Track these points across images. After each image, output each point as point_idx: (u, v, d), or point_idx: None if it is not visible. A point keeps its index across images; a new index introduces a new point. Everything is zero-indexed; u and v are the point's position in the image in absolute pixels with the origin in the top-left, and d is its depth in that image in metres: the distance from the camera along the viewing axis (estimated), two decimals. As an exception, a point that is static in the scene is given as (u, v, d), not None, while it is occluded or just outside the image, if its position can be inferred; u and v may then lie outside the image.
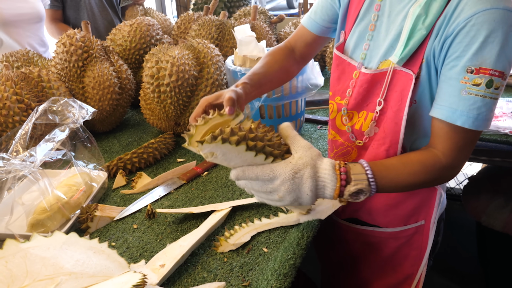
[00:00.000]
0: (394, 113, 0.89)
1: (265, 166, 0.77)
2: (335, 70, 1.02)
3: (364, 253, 1.15)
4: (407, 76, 0.85)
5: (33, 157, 0.91)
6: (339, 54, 1.00)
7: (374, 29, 0.92)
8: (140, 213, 1.04)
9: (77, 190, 1.02)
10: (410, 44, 0.82)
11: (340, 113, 1.02)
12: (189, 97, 1.35)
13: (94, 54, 1.40)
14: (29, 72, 1.27)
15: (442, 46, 0.79)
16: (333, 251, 1.26)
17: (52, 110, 1.08)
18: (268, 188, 0.78)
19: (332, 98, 1.04)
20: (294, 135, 0.82)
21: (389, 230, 1.07)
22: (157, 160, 1.30)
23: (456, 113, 0.78)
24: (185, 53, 1.33)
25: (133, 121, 1.65)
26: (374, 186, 0.80)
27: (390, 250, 1.10)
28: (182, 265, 0.86)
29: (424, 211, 1.04)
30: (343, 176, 0.78)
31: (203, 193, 1.12)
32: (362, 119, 0.97)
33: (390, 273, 1.13)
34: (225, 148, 0.72)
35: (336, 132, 1.06)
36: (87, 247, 0.76)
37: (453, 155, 0.82)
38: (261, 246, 0.90)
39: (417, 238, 1.07)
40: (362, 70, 0.93)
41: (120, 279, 0.71)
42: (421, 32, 0.81)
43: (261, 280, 0.81)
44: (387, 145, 0.92)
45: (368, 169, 0.81)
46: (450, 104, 0.79)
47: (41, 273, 0.68)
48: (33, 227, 0.91)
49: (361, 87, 0.94)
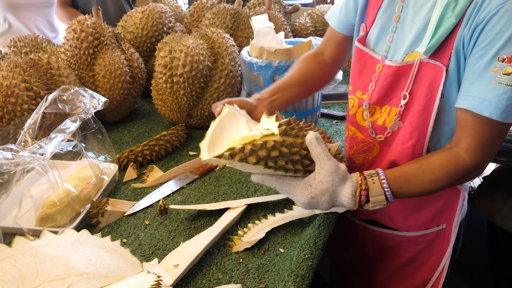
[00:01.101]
0: (422, 107, 0.84)
1: (285, 182, 0.77)
2: (356, 64, 0.97)
3: (381, 256, 1.11)
4: (436, 68, 0.80)
5: (43, 149, 0.87)
6: (361, 47, 0.95)
7: (398, 20, 0.87)
8: (152, 208, 1.01)
9: (87, 183, 0.98)
10: (438, 33, 0.77)
11: (361, 109, 0.97)
12: (203, 88, 1.31)
13: (105, 42, 1.35)
14: (38, 59, 1.23)
15: (472, 34, 0.74)
16: (348, 252, 1.22)
17: (62, 99, 1.04)
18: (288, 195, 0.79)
19: (352, 93, 0.99)
20: (320, 152, 0.75)
21: (409, 234, 1.03)
22: (169, 153, 1.26)
23: (484, 103, 0.73)
24: (199, 42, 1.29)
25: (144, 111, 1.61)
26: (392, 200, 0.80)
27: (410, 255, 1.06)
28: (196, 265, 0.82)
29: (446, 214, 1.00)
30: (363, 199, 0.77)
31: (216, 188, 1.08)
32: (385, 114, 0.92)
33: (407, 278, 1.09)
34: (242, 165, 0.72)
35: (357, 129, 1.01)
36: (99, 246, 0.73)
37: (478, 152, 0.77)
38: (277, 247, 0.87)
39: (438, 242, 1.03)
40: (386, 62, 0.88)
41: (134, 281, 0.68)
42: (451, 20, 0.76)
43: (277, 281, 0.77)
44: (414, 140, 0.87)
45: (386, 188, 0.79)
46: (478, 94, 0.74)
47: (52, 273, 0.64)
48: (42, 221, 0.88)
49: (385, 80, 0.89)
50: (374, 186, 0.78)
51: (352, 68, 0.99)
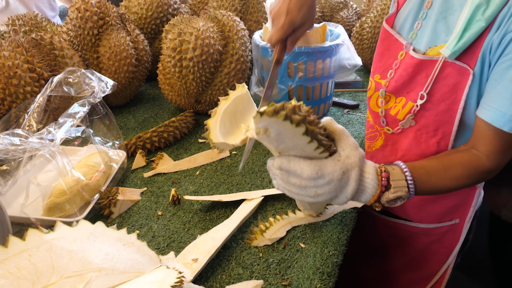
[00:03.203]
0: (447, 106, 0.81)
1: (313, 162, 0.66)
2: (380, 45, 0.93)
3: (392, 246, 1.11)
4: (462, 71, 0.76)
5: (52, 134, 0.82)
6: (388, 28, 0.91)
7: (430, 7, 0.82)
8: (164, 198, 0.96)
9: (96, 171, 0.94)
10: (465, 36, 0.73)
11: (376, 94, 0.93)
12: (212, 73, 1.26)
13: (110, 22, 1.29)
14: (41, 39, 1.17)
15: (500, 42, 0.70)
16: (357, 239, 1.20)
17: (68, 82, 0.99)
18: (310, 184, 0.67)
19: (371, 75, 0.95)
20: (341, 129, 0.71)
21: (422, 226, 1.02)
22: (177, 140, 1.22)
23: (505, 117, 0.70)
24: (209, 25, 1.23)
25: (148, 95, 1.55)
26: (413, 191, 0.73)
27: (420, 246, 1.05)
28: (215, 259, 0.79)
29: (460, 210, 0.98)
30: (384, 182, 0.71)
31: (229, 178, 1.04)
32: (399, 105, 0.89)
33: (415, 268, 1.09)
34: (283, 127, 0.60)
35: (370, 112, 0.99)
36: (116, 239, 0.69)
37: (498, 158, 0.76)
38: (297, 241, 0.84)
39: (449, 236, 1.01)
40: (410, 52, 0.84)
41: (154, 277, 0.64)
42: (480, 24, 0.71)
43: (302, 279, 0.74)
44: (439, 136, 0.85)
45: (408, 174, 0.73)
46: (500, 107, 0.71)
47: (69, 269, 0.60)
48: (50, 210, 0.84)
49: (404, 70, 0.85)
50: (394, 171, 0.73)
51: (376, 49, 0.95)
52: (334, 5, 1.97)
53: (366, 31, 1.67)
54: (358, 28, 1.72)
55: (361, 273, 1.25)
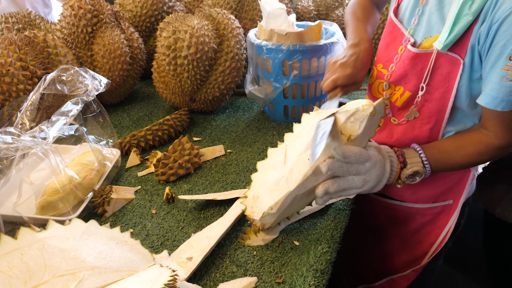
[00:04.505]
0: (440, 94, 0.87)
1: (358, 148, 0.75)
2: (386, 36, 0.98)
3: (389, 226, 1.15)
4: (454, 60, 0.82)
5: (45, 132, 0.82)
6: (395, 20, 0.95)
7: (425, 3, 0.87)
8: (158, 196, 0.96)
9: (90, 170, 0.93)
10: (455, 30, 0.78)
11: (378, 81, 0.99)
12: (207, 71, 1.25)
13: (105, 20, 1.28)
14: (34, 36, 1.16)
15: (488, 33, 0.76)
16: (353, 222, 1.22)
17: (61, 80, 0.98)
18: (362, 170, 0.76)
19: (375, 63, 1.01)
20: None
21: (417, 206, 1.06)
22: (172, 138, 1.21)
23: (496, 99, 0.78)
24: (204, 23, 1.23)
25: (142, 94, 1.55)
26: (428, 168, 0.84)
27: (415, 226, 1.09)
28: (209, 257, 0.79)
29: (454, 191, 1.03)
30: (401, 159, 0.83)
31: (224, 176, 1.04)
32: (398, 93, 0.94)
33: (410, 249, 1.12)
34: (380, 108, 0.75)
35: (370, 98, 1.03)
36: (109, 237, 0.69)
37: (506, 136, 0.83)
38: (291, 239, 0.84)
39: (443, 216, 1.06)
40: (409, 47, 0.89)
41: (148, 275, 0.64)
42: (467, 18, 0.77)
43: (295, 276, 0.74)
44: (431, 124, 0.91)
45: (421, 152, 0.84)
46: (491, 90, 0.78)
47: (61, 268, 0.60)
48: (43, 209, 0.83)
49: (402, 63, 0.91)
50: (408, 151, 0.85)
51: (381, 40, 1.00)
52: (329, 4, 1.97)
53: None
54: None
55: (361, 257, 1.29)
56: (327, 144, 0.72)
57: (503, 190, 1.74)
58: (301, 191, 0.78)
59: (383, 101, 0.74)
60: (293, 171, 0.77)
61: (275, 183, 0.80)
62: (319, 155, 0.69)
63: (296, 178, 0.76)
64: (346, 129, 0.73)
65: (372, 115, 0.71)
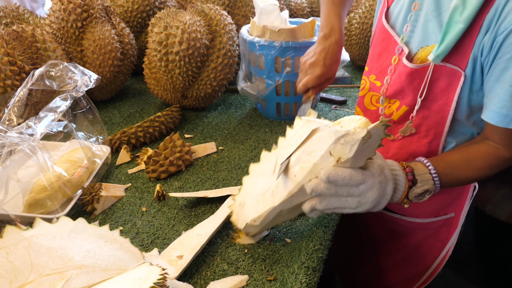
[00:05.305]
0: (439, 106, 0.82)
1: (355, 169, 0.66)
2: (378, 45, 0.92)
3: (387, 240, 1.10)
4: (453, 72, 0.77)
5: (32, 129, 0.80)
6: (387, 27, 0.88)
7: (417, 8, 0.82)
8: (148, 194, 0.95)
9: (79, 167, 0.92)
10: (446, 39, 0.73)
11: (371, 93, 0.93)
12: (199, 68, 1.24)
13: (95, 15, 1.26)
14: (22, 31, 1.14)
15: (492, 44, 0.71)
16: (352, 233, 1.19)
17: (50, 75, 0.96)
18: (355, 192, 0.66)
19: (366, 74, 0.95)
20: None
21: (418, 221, 1.02)
22: (163, 135, 1.20)
23: (507, 117, 0.72)
24: (196, 19, 1.21)
25: (134, 90, 1.53)
26: (438, 184, 0.76)
27: (416, 241, 1.05)
28: (200, 255, 0.78)
29: (456, 204, 0.99)
30: (409, 177, 0.74)
31: (215, 174, 1.03)
32: (394, 107, 0.89)
33: (411, 263, 1.08)
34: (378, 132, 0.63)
35: (362, 111, 0.98)
36: (97, 235, 0.67)
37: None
38: (283, 236, 0.83)
39: (444, 230, 1.02)
40: (404, 61, 0.83)
41: (137, 274, 0.63)
42: (459, 25, 0.71)
43: (287, 274, 0.74)
44: (430, 137, 0.86)
45: (431, 168, 0.76)
46: (501, 108, 0.72)
47: (48, 267, 0.59)
48: (31, 207, 0.82)
49: (398, 77, 0.85)
50: (417, 166, 0.76)
51: (372, 48, 0.94)
52: (322, 1, 1.96)
53: (354, 27, 1.67)
54: (346, 24, 1.72)
55: (359, 269, 1.24)
56: (314, 163, 0.66)
57: (493, 187, 1.75)
58: (286, 206, 0.73)
59: (381, 124, 0.62)
60: (279, 185, 0.72)
61: (261, 193, 0.76)
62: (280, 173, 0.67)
63: (281, 194, 0.71)
64: (335, 150, 0.64)
65: (365, 139, 0.62)
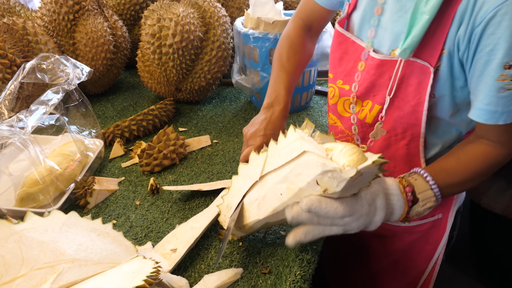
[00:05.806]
0: (412, 107, 0.79)
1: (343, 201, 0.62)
2: (336, 49, 0.89)
3: (375, 246, 1.07)
4: (423, 69, 0.74)
5: (23, 122, 0.79)
6: (342, 31, 0.87)
7: (381, 12, 0.79)
8: (142, 187, 0.94)
9: (71, 160, 0.91)
10: (412, 31, 0.70)
11: (343, 99, 0.90)
12: (193, 60, 1.23)
13: (87, 7, 1.24)
14: (13, 23, 1.12)
15: (471, 38, 0.68)
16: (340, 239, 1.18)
17: (41, 68, 0.95)
18: (339, 223, 0.64)
19: (332, 81, 0.92)
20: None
21: (404, 224, 0.99)
22: (157, 128, 1.19)
23: (496, 113, 0.70)
24: (190, 11, 1.20)
25: (127, 83, 1.52)
26: (440, 198, 0.73)
27: (404, 245, 1.02)
28: (194, 249, 0.78)
29: (442, 205, 0.95)
30: (409, 197, 0.69)
31: (210, 167, 1.02)
32: (366, 109, 0.86)
33: (403, 268, 1.05)
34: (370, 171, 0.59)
35: (338, 118, 0.95)
36: (90, 229, 0.67)
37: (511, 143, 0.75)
38: (277, 229, 0.83)
39: (433, 232, 0.99)
40: (371, 54, 0.81)
41: (130, 267, 0.62)
42: (424, 16, 0.68)
43: (281, 266, 0.74)
44: (407, 139, 0.83)
45: (432, 182, 0.72)
46: (488, 105, 0.70)
47: (40, 261, 0.58)
48: (23, 201, 0.81)
49: (368, 73, 0.82)
50: (417, 182, 0.71)
51: (331, 54, 0.91)
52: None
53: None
54: (341, 16, 1.71)
55: (351, 274, 1.22)
56: (300, 188, 0.63)
57: (488, 180, 1.75)
58: (271, 220, 0.72)
59: (374, 164, 0.57)
60: (266, 199, 0.70)
61: (249, 203, 0.74)
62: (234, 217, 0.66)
63: (266, 208, 0.70)
64: (322, 181, 0.60)
65: (354, 179, 0.57)
